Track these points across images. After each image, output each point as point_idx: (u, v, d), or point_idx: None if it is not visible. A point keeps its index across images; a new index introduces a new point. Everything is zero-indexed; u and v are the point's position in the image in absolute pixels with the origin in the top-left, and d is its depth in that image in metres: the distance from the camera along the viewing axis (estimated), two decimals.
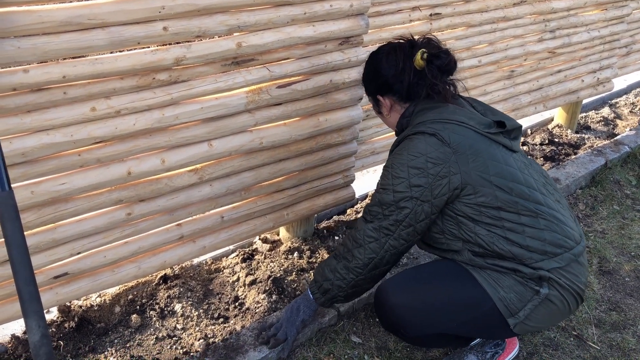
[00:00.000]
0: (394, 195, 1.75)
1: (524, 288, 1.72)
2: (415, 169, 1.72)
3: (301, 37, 2.08)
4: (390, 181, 1.76)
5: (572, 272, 1.75)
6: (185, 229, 2.15)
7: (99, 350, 2.04)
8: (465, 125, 1.75)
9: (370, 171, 3.40)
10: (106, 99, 1.77)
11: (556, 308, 1.75)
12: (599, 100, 4.64)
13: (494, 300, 1.72)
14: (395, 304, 1.80)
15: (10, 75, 1.58)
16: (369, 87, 1.99)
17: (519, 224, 1.72)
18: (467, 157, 1.71)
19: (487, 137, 1.76)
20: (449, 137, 1.71)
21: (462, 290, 1.75)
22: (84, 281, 1.98)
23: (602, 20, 3.64)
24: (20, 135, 1.66)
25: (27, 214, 1.76)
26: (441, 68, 1.83)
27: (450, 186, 1.71)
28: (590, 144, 3.82)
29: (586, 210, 3.14)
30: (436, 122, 1.76)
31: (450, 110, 1.80)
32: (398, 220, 1.75)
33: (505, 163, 1.74)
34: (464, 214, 1.74)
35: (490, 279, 1.73)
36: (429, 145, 1.72)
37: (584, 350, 2.18)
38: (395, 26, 2.63)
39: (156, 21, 1.75)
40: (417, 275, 1.87)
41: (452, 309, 1.77)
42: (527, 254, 1.71)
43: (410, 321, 1.79)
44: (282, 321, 2.01)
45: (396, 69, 1.85)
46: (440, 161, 1.70)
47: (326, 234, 2.68)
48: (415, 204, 1.73)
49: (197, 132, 1.99)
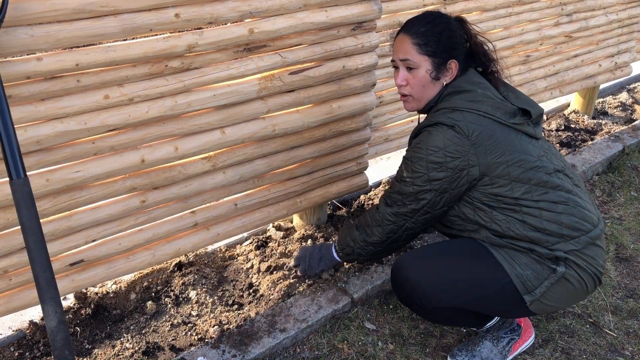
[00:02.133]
0: (413, 187, 1.78)
1: (541, 266, 1.73)
2: (434, 164, 1.73)
3: (313, 22, 2.06)
4: (410, 174, 1.78)
5: (589, 255, 1.75)
6: (199, 216, 2.16)
7: (115, 336, 2.06)
8: (488, 116, 1.73)
9: (384, 158, 3.38)
10: (119, 86, 1.77)
11: (573, 288, 1.75)
12: (616, 85, 4.57)
13: (511, 277, 1.73)
14: (410, 275, 1.82)
15: (24, 64, 1.58)
16: (442, 45, 1.81)
17: (536, 209, 1.73)
18: (485, 149, 1.71)
19: (509, 127, 1.75)
20: (467, 128, 1.70)
21: (479, 266, 1.77)
22: (100, 268, 2.00)
23: (621, 3, 3.57)
24: (35, 124, 1.67)
25: (42, 201, 1.77)
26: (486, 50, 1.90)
27: (468, 177, 1.73)
28: (608, 129, 3.76)
29: (603, 197, 3.10)
30: (457, 111, 1.74)
31: (477, 97, 1.77)
32: (416, 209, 1.81)
33: (525, 152, 1.74)
34: (481, 201, 1.75)
35: (507, 256, 1.75)
36: (447, 138, 1.71)
37: (600, 337, 2.16)
38: (409, 11, 2.60)
39: (168, 8, 1.75)
40: (434, 250, 1.92)
41: (468, 283, 1.78)
42: (544, 237, 1.72)
43: (424, 293, 1.80)
44: (305, 259, 2.17)
45: (471, 39, 1.86)
46: (459, 154, 1.71)
47: (339, 221, 2.68)
48: (434, 195, 1.76)
49: (209, 120, 1.99)
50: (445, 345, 2.10)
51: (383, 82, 2.66)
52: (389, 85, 2.71)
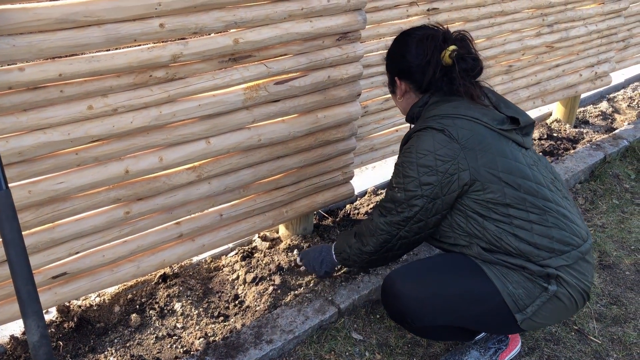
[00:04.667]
0: (405, 193, 1.77)
1: (533, 284, 1.71)
2: (424, 167, 1.73)
3: (298, 32, 2.07)
4: (402, 179, 1.78)
5: (579, 270, 1.74)
6: (184, 227, 2.14)
7: (99, 350, 2.03)
8: (477, 121, 1.74)
9: (370, 167, 3.39)
10: (103, 97, 1.75)
11: (563, 305, 1.74)
12: (597, 94, 4.64)
13: (503, 295, 1.71)
14: (401, 292, 1.80)
15: (6, 74, 1.56)
16: (390, 65, 1.95)
17: (527, 221, 1.71)
18: (475, 153, 1.71)
19: (498, 133, 1.75)
20: (457, 133, 1.71)
21: (471, 283, 1.75)
22: (83, 281, 1.97)
23: (600, 14, 3.64)
24: (17, 134, 1.65)
25: (25, 213, 1.74)
26: (467, 71, 1.80)
27: (459, 182, 1.72)
28: (589, 138, 3.81)
29: (586, 205, 3.13)
30: (446, 117, 1.75)
31: (464, 104, 1.78)
32: (409, 217, 1.79)
33: (515, 159, 1.74)
34: (473, 210, 1.74)
35: (499, 274, 1.73)
36: (437, 142, 1.72)
37: (585, 345, 2.18)
38: (393, 21, 2.62)
39: (152, 18, 1.74)
40: (425, 265, 1.89)
41: (459, 301, 1.76)
42: (535, 251, 1.71)
43: (415, 310, 1.78)
44: (308, 260, 2.24)
45: (423, 59, 1.81)
46: (449, 158, 1.71)
47: (325, 231, 2.67)
48: (426, 201, 1.75)
49: (194, 130, 1.98)
50: (433, 355, 2.10)
51: (368, 92, 2.67)
52: (373, 95, 2.72)
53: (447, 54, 1.77)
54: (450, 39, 1.82)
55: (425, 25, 1.92)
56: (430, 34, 1.83)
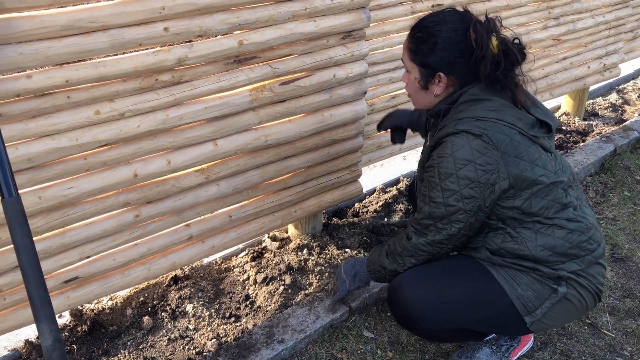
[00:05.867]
0: (446, 209, 1.65)
1: (542, 286, 1.69)
2: (465, 180, 1.61)
3: (303, 32, 2.07)
4: (440, 194, 1.65)
5: (591, 274, 1.72)
6: (193, 229, 2.15)
7: (112, 353, 2.04)
8: (513, 126, 1.63)
9: (377, 165, 3.39)
10: (110, 101, 1.77)
11: (573, 307, 1.72)
12: (606, 86, 4.60)
13: (511, 298, 1.69)
14: (408, 297, 1.76)
15: (14, 82, 1.58)
16: (430, 57, 1.69)
17: (549, 225, 1.68)
18: (512, 160, 1.62)
19: (529, 139, 1.66)
20: (495, 139, 1.60)
21: (478, 287, 1.72)
22: (95, 284, 1.99)
23: (607, 5, 3.61)
24: (26, 141, 1.67)
25: (35, 219, 1.76)
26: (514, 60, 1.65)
27: (500, 191, 1.64)
28: (599, 130, 3.78)
29: (596, 198, 3.11)
30: (482, 121, 1.62)
31: (499, 107, 1.65)
32: (452, 234, 1.69)
33: (544, 167, 1.67)
34: (497, 216, 1.69)
35: (507, 277, 1.70)
36: (475, 149, 1.59)
37: (599, 339, 2.16)
38: (398, 19, 2.61)
39: (157, 22, 1.75)
40: (432, 270, 1.82)
41: (467, 305, 1.74)
42: (552, 257, 1.68)
43: (423, 315, 1.75)
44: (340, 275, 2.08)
45: (477, 52, 1.61)
46: (490, 166, 1.60)
47: (335, 230, 2.67)
48: (469, 216, 1.65)
49: (201, 132, 1.99)
50: (444, 352, 2.09)
51: (374, 89, 2.67)
52: (380, 93, 2.72)
53: (494, 41, 1.61)
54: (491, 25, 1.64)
55: (452, 9, 1.71)
56: (475, 24, 1.63)
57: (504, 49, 1.64)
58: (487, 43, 1.62)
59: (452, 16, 1.70)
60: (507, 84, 1.67)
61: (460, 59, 1.66)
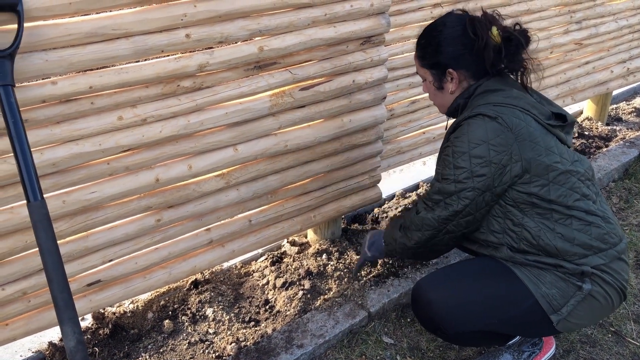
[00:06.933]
0: (456, 185, 1.69)
1: (566, 284, 1.67)
2: (477, 158, 1.65)
3: (322, 38, 2.08)
4: (452, 171, 1.70)
5: (615, 269, 1.70)
6: (214, 233, 2.17)
7: (133, 356, 2.06)
8: (528, 112, 1.68)
9: (397, 171, 3.38)
10: (132, 107, 1.79)
11: (599, 304, 1.70)
12: (630, 90, 4.53)
13: (536, 297, 1.67)
14: (433, 300, 1.76)
15: (40, 88, 1.61)
16: (437, 57, 1.81)
17: (568, 216, 1.68)
18: (526, 144, 1.65)
19: (545, 128, 1.71)
20: (510, 122, 1.65)
21: (503, 287, 1.72)
22: (117, 288, 2.01)
23: (631, 8, 3.56)
24: (51, 146, 1.70)
25: (59, 223, 1.79)
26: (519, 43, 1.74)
27: (511, 174, 1.66)
28: (622, 135, 3.73)
29: (620, 204, 3.06)
30: (499, 105, 1.68)
31: (514, 95, 1.72)
32: (458, 210, 1.71)
33: (560, 154, 1.69)
34: (514, 203, 1.69)
35: (531, 275, 1.69)
36: (490, 130, 1.64)
37: (623, 347, 2.13)
38: (417, 24, 2.61)
39: (179, 29, 1.77)
40: (455, 271, 1.84)
41: (492, 306, 1.73)
42: (572, 248, 1.67)
43: (448, 318, 1.75)
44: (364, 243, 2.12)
45: (479, 42, 1.72)
46: (503, 147, 1.64)
47: (354, 235, 2.67)
48: (477, 194, 1.68)
49: (222, 137, 2.01)
50: (464, 358, 2.08)
51: (393, 94, 2.67)
52: (399, 98, 2.71)
53: (495, 31, 1.71)
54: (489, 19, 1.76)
55: (450, 12, 1.84)
56: (471, 18, 1.76)
57: (506, 35, 1.73)
58: (486, 33, 1.72)
59: (450, 17, 1.82)
60: (514, 68, 1.77)
61: (464, 51, 1.76)
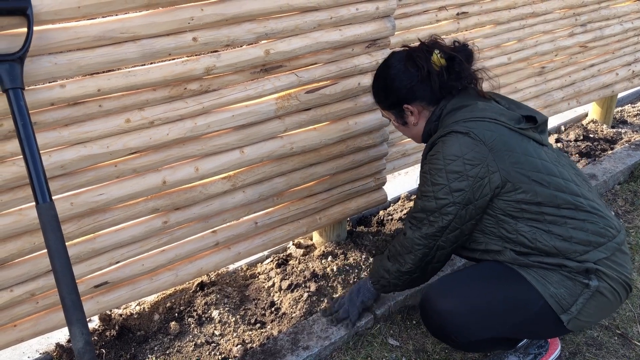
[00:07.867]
0: (436, 202, 1.72)
1: (573, 282, 1.67)
2: (454, 174, 1.69)
3: (328, 41, 2.09)
4: (431, 188, 1.73)
5: (617, 262, 1.70)
6: (220, 235, 2.18)
7: (140, 357, 2.07)
8: (497, 121, 1.71)
9: (402, 173, 3.38)
10: (140, 110, 1.81)
11: (607, 300, 1.70)
12: (635, 93, 4.53)
13: (545, 298, 1.67)
14: (442, 309, 1.75)
15: (49, 91, 1.63)
16: (390, 98, 1.91)
17: (560, 217, 1.68)
18: (502, 154, 1.68)
19: (518, 133, 1.73)
20: (483, 135, 1.68)
21: (510, 290, 1.71)
22: (124, 289, 2.02)
23: (636, 11, 3.56)
24: (59, 149, 1.71)
25: (67, 224, 1.80)
26: (467, 58, 1.82)
27: (491, 185, 1.68)
28: (628, 138, 3.72)
29: (626, 206, 3.06)
30: (468, 121, 1.72)
31: (480, 107, 1.76)
32: (443, 226, 1.74)
33: (539, 157, 1.72)
34: (504, 212, 1.71)
35: (537, 276, 1.69)
36: (463, 145, 1.68)
37: (629, 349, 2.12)
38: (422, 27, 2.62)
39: (186, 32, 1.79)
40: (462, 278, 1.83)
41: (502, 311, 1.72)
42: (572, 246, 1.67)
43: (459, 326, 1.74)
44: (344, 300, 2.14)
45: (422, 72, 1.80)
46: (478, 161, 1.67)
47: (359, 237, 2.68)
48: (459, 208, 1.70)
49: (228, 140, 2.02)
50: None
51: None
52: None
53: (436, 57, 1.78)
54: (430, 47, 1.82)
55: (392, 52, 1.93)
56: (409, 52, 1.85)
57: (447, 56, 1.80)
58: (427, 61, 1.80)
59: (393, 57, 1.90)
60: (465, 83, 1.83)
61: (412, 84, 1.83)
